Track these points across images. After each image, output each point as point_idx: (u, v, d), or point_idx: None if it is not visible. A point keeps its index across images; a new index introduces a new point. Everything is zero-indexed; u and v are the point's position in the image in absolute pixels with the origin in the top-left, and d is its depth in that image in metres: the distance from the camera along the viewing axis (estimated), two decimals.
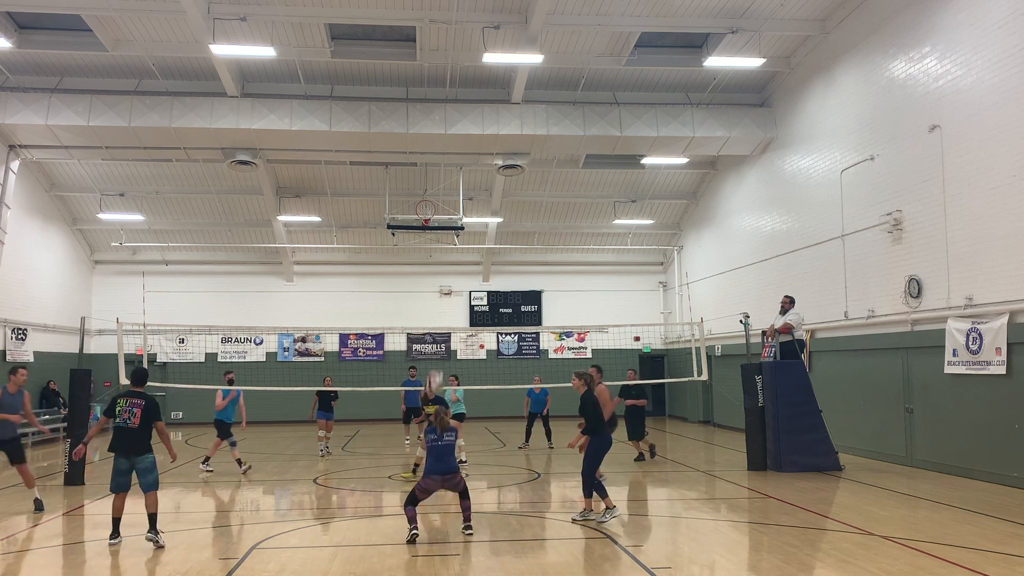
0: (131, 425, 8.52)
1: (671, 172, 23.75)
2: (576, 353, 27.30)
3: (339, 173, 23.01)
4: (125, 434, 8.53)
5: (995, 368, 11.85)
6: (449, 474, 8.78)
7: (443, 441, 8.84)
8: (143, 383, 8.86)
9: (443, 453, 8.80)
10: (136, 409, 8.56)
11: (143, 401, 8.63)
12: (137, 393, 8.73)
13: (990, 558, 7.55)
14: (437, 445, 8.81)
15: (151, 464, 8.62)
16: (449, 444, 8.88)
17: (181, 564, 7.76)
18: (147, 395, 8.76)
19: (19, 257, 20.96)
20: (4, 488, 12.78)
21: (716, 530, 9.29)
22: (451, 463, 8.87)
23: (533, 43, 16.19)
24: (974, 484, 11.90)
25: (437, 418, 8.89)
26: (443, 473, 8.75)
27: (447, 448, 8.84)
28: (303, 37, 16.79)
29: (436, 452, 8.79)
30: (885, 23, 14.77)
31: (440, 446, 8.81)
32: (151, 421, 8.62)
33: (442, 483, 8.79)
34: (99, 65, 18.26)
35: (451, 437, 8.93)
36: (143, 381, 8.87)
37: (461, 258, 27.10)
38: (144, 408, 8.59)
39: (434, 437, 8.85)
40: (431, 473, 8.74)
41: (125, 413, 8.55)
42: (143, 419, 8.56)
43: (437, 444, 8.82)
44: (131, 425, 8.52)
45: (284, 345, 26.38)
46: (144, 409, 8.59)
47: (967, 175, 12.59)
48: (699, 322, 17.96)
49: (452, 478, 8.81)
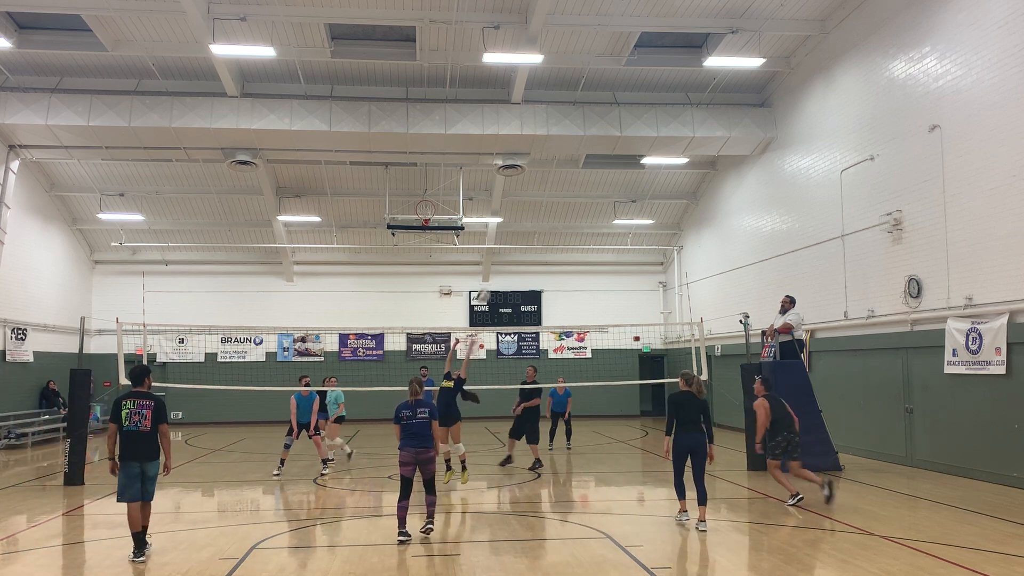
0: (143, 428, 8.05)
1: (671, 172, 23.75)
2: (576, 353, 27.30)
3: (339, 173, 23.01)
4: (138, 438, 8.06)
5: (995, 368, 11.85)
6: (422, 449, 8.75)
7: (416, 419, 8.83)
8: (142, 381, 8.36)
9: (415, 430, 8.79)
10: (146, 411, 8.12)
11: (152, 402, 8.20)
12: (143, 393, 8.27)
13: (990, 558, 7.55)
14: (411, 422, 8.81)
15: (157, 471, 8.20)
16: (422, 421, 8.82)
17: (181, 564, 7.76)
18: (154, 395, 8.34)
19: (19, 257, 20.96)
20: (4, 488, 12.78)
21: (716, 530, 9.28)
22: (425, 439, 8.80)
23: (533, 43, 16.19)
24: (974, 484, 11.90)
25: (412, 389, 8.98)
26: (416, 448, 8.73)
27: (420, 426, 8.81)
28: (303, 37, 16.79)
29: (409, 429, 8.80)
30: (885, 23, 14.77)
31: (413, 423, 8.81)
32: (160, 423, 8.20)
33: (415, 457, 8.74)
34: (99, 65, 18.26)
35: (424, 415, 8.85)
36: (142, 379, 8.36)
37: (461, 258, 27.10)
38: (154, 409, 8.17)
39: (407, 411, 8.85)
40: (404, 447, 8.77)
41: (135, 416, 8.07)
42: (154, 420, 8.14)
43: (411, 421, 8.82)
44: (143, 428, 8.05)
45: (284, 345, 26.37)
46: (154, 410, 8.16)
47: (967, 175, 12.59)
48: (699, 322, 17.96)
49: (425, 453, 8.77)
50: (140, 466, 8.08)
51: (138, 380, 8.38)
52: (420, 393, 9.09)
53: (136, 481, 8.07)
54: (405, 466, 8.78)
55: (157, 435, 8.17)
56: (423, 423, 8.84)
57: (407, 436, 8.80)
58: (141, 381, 8.37)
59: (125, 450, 8.08)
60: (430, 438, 8.86)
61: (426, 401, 9.09)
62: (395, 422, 8.92)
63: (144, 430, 8.09)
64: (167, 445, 8.27)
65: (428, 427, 8.86)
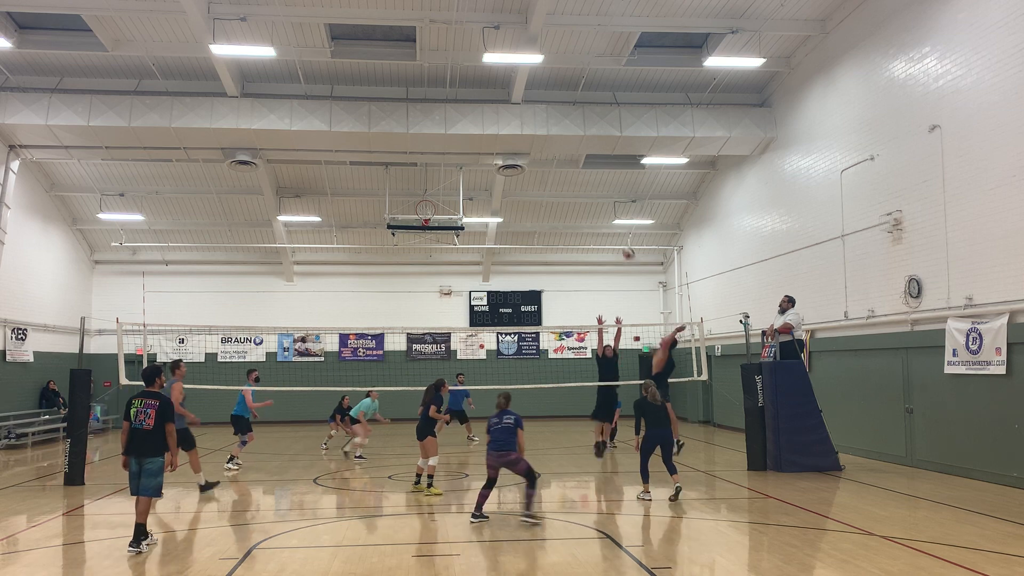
0: (146, 427, 8.34)
1: (671, 172, 23.75)
2: (576, 353, 27.30)
3: (339, 173, 23.02)
4: (138, 435, 8.35)
5: (995, 368, 11.85)
6: (503, 452, 9.42)
7: (501, 424, 9.56)
8: (153, 381, 8.65)
9: (498, 436, 9.54)
10: (151, 410, 8.37)
11: (157, 401, 8.44)
12: (152, 393, 8.53)
13: (990, 558, 7.55)
14: (496, 427, 9.57)
15: (158, 468, 8.37)
16: (507, 427, 9.54)
17: (181, 564, 7.77)
18: (162, 395, 8.58)
19: (19, 257, 20.97)
20: (4, 488, 12.79)
21: (716, 530, 9.29)
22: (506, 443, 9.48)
23: (533, 43, 16.19)
24: (974, 484, 11.90)
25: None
26: (497, 451, 9.45)
27: (503, 431, 9.53)
28: (303, 37, 16.79)
29: (494, 434, 9.58)
30: (885, 23, 14.77)
31: (498, 428, 9.55)
32: (165, 422, 8.40)
33: (497, 459, 9.46)
34: (99, 65, 18.26)
35: (510, 420, 9.56)
36: (153, 379, 8.66)
37: (461, 258, 27.10)
38: (158, 409, 8.39)
39: (494, 419, 9.67)
40: (489, 450, 9.57)
41: (140, 415, 8.36)
42: (157, 419, 8.36)
43: (496, 427, 9.58)
44: (146, 427, 8.34)
45: (284, 345, 26.38)
46: (158, 410, 8.39)
47: (967, 175, 12.59)
48: (699, 322, 17.96)
49: (506, 456, 9.43)
50: (138, 462, 8.35)
51: (149, 380, 8.70)
52: (507, 405, 9.88)
53: (137, 478, 8.36)
54: (491, 468, 9.59)
55: (160, 434, 8.39)
56: (507, 428, 9.53)
57: (491, 440, 9.59)
58: (152, 381, 8.69)
59: (127, 446, 8.42)
60: (513, 443, 9.50)
61: (511, 411, 9.78)
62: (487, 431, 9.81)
63: (147, 428, 8.35)
64: (172, 443, 8.47)
65: (512, 432, 9.52)
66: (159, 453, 8.39)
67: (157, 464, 8.37)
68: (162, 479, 8.47)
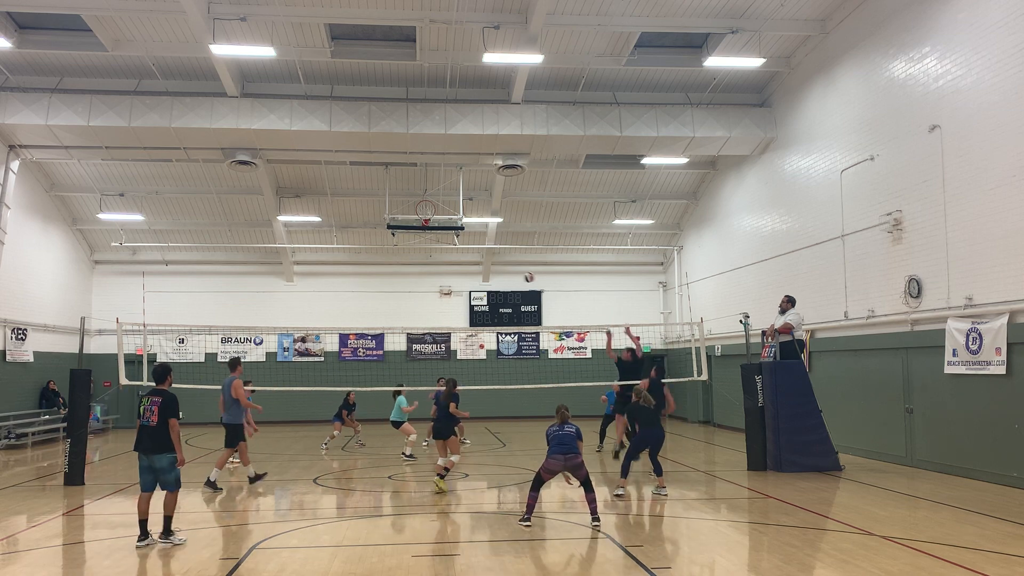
0: (150, 423, 8.51)
1: (671, 172, 23.75)
2: (576, 353, 27.30)
3: (339, 173, 23.01)
4: (144, 432, 8.54)
5: (995, 368, 11.85)
6: (571, 455, 9.44)
7: (563, 431, 9.63)
8: (163, 379, 8.82)
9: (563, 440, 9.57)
10: (154, 407, 8.54)
11: (160, 398, 8.60)
12: (158, 391, 8.71)
13: (990, 558, 7.55)
14: (558, 434, 9.61)
15: (169, 463, 8.52)
16: (569, 434, 9.62)
17: (181, 564, 7.77)
18: (167, 392, 8.73)
19: (19, 257, 20.96)
20: (4, 488, 12.79)
21: (716, 530, 9.29)
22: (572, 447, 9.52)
23: (533, 43, 16.19)
24: (974, 484, 11.91)
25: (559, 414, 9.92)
26: (565, 454, 9.44)
27: (567, 437, 9.59)
28: (303, 37, 16.79)
29: (558, 439, 9.60)
30: (885, 23, 14.77)
31: (561, 435, 9.60)
32: (167, 417, 8.54)
33: (564, 463, 9.44)
34: (99, 65, 18.26)
35: (571, 429, 9.67)
36: (163, 377, 8.83)
37: (461, 258, 27.10)
38: (161, 405, 8.54)
39: (555, 428, 9.72)
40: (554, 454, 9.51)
41: (146, 412, 8.57)
42: (160, 416, 8.50)
43: (558, 433, 9.63)
44: (150, 423, 8.51)
45: (284, 345, 26.38)
46: (161, 406, 8.53)
47: (967, 175, 12.59)
48: (699, 322, 17.96)
49: (573, 459, 9.45)
50: (148, 459, 8.55)
51: (160, 379, 8.88)
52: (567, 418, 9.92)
53: (147, 473, 8.60)
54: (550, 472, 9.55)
55: (164, 431, 8.53)
56: (569, 435, 9.61)
57: (555, 444, 9.56)
58: (162, 380, 8.87)
59: (136, 443, 8.62)
60: (577, 448, 9.56)
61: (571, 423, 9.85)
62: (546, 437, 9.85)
63: (151, 424, 8.52)
64: (175, 437, 8.57)
65: (576, 439, 9.61)
66: (165, 449, 8.53)
67: (166, 460, 8.54)
68: (177, 472, 8.65)
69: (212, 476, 12.44)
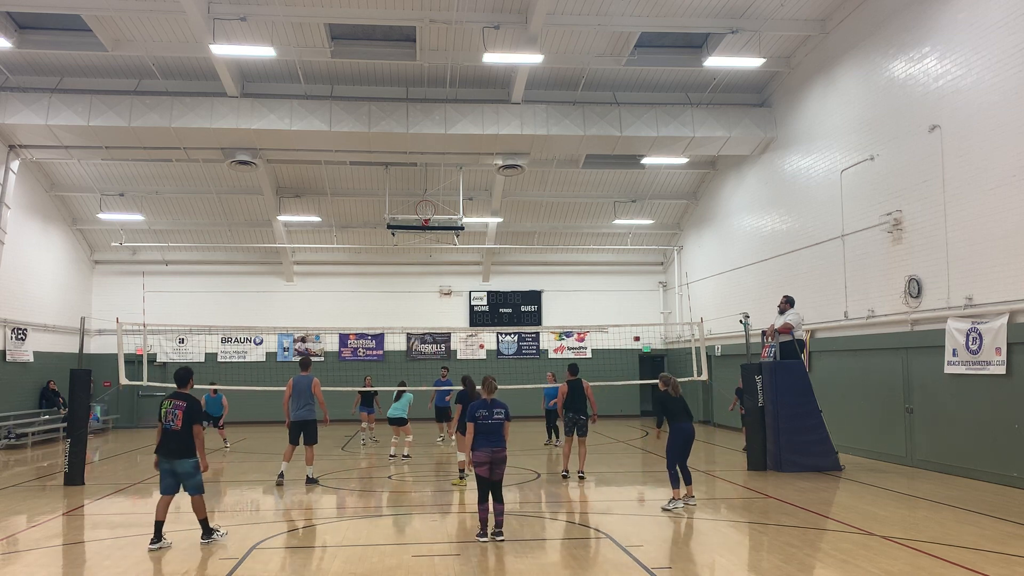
0: (174, 427, 8.45)
1: (671, 172, 23.75)
2: (576, 353, 27.29)
3: (339, 173, 23.01)
4: (168, 436, 8.48)
5: (995, 368, 11.85)
6: (497, 448, 8.70)
7: (492, 419, 8.80)
8: (186, 383, 8.78)
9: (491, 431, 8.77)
10: (178, 411, 8.47)
11: (185, 403, 8.52)
12: (181, 395, 8.62)
13: (990, 558, 7.55)
14: (487, 422, 8.78)
15: (191, 468, 8.48)
16: (497, 422, 8.80)
17: (181, 564, 7.77)
18: (190, 396, 8.65)
19: (19, 257, 20.96)
20: (4, 488, 12.78)
21: (716, 530, 9.29)
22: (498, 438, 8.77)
23: (533, 43, 16.19)
24: (974, 484, 11.91)
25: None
26: (492, 446, 8.69)
27: (495, 427, 8.79)
28: (303, 37, 16.79)
29: (486, 428, 8.76)
30: (885, 23, 14.77)
31: (489, 423, 8.77)
32: (192, 423, 8.49)
33: (491, 456, 8.66)
34: (99, 65, 18.26)
35: (500, 415, 8.83)
36: (185, 381, 8.79)
37: (461, 258, 27.10)
38: (185, 410, 8.48)
39: (483, 410, 8.84)
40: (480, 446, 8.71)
41: (169, 415, 8.47)
42: (185, 420, 8.45)
43: (487, 421, 8.79)
44: (174, 427, 8.45)
45: (284, 345, 26.37)
46: (185, 411, 8.48)
47: (967, 175, 12.59)
48: (699, 322, 17.96)
49: (499, 452, 8.72)
50: (170, 463, 8.50)
51: (181, 382, 8.84)
52: (495, 391, 9.07)
53: (168, 476, 8.53)
54: (480, 466, 8.71)
55: (188, 435, 8.49)
56: (498, 424, 8.82)
57: (482, 435, 8.75)
58: (184, 383, 8.83)
59: (160, 446, 8.56)
60: (503, 438, 8.83)
61: (500, 402, 9.02)
62: (469, 420, 8.85)
63: (175, 429, 8.48)
64: (198, 444, 8.54)
65: (502, 427, 8.84)
66: (187, 454, 8.47)
67: (189, 465, 8.49)
68: (200, 477, 8.62)
69: (310, 473, 12.88)
